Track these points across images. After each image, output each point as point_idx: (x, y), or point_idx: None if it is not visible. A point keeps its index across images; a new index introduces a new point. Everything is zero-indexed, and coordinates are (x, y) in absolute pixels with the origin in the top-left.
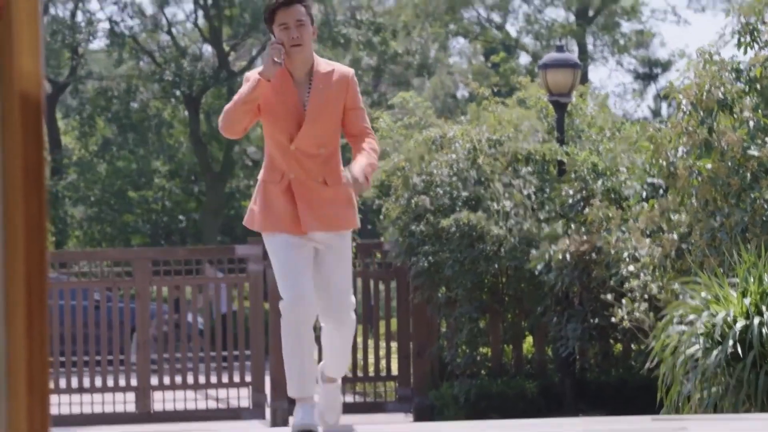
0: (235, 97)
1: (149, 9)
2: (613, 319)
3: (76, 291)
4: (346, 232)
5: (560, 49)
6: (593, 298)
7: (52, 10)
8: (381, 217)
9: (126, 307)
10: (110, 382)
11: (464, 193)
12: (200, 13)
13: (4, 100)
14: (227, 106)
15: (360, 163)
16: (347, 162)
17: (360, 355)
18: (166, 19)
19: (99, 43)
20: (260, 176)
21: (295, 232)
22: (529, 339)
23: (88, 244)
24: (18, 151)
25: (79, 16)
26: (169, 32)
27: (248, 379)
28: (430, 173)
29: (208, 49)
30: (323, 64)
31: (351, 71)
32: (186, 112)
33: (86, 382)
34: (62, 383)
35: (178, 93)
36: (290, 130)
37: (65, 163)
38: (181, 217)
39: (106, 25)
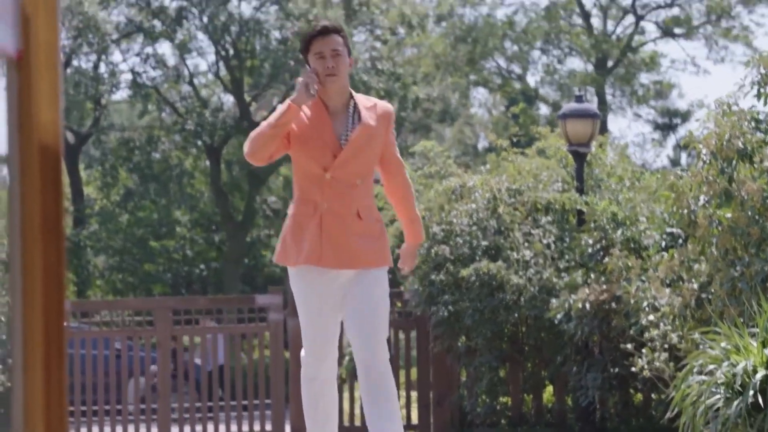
0: (263, 123)
1: (171, 60)
2: (633, 369)
3: (97, 340)
4: (379, 268)
5: (579, 99)
6: (613, 347)
7: (75, 62)
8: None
9: (147, 356)
10: (130, 431)
11: (484, 243)
12: (222, 64)
13: (23, 150)
14: (254, 131)
15: (414, 239)
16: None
17: None
18: (188, 70)
19: (121, 94)
20: (290, 210)
21: (323, 266)
22: (549, 388)
23: (110, 293)
24: (37, 201)
25: (102, 68)
26: (191, 83)
27: (268, 428)
28: (449, 223)
29: (229, 99)
30: (363, 99)
31: (391, 107)
32: (207, 162)
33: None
34: None
35: (199, 143)
36: (324, 161)
37: (87, 213)
38: (202, 266)
39: (128, 77)
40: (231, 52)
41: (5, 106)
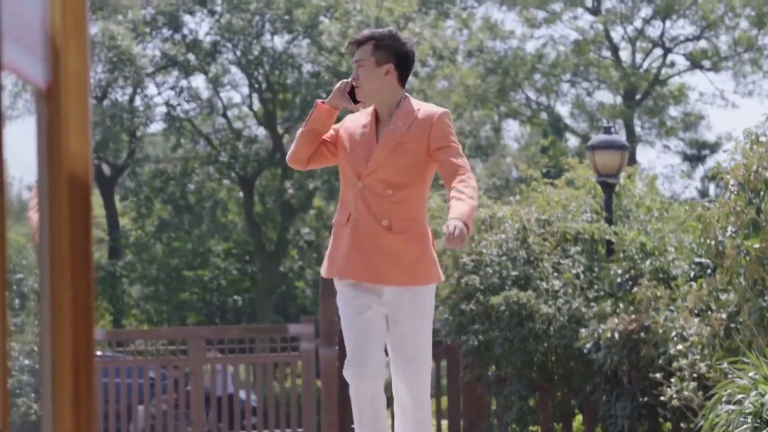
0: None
1: (205, 93)
2: (662, 398)
3: (131, 369)
4: (410, 287)
5: (608, 130)
6: (642, 376)
7: (111, 95)
8: None
9: (181, 384)
10: None
11: (513, 273)
12: (255, 96)
13: (53, 181)
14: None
15: (453, 214)
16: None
17: None
18: (222, 102)
19: (156, 127)
20: (334, 218)
21: (353, 279)
22: (579, 417)
23: (145, 322)
24: (65, 232)
25: (137, 101)
26: (225, 116)
27: None
28: (479, 253)
29: (262, 131)
30: (412, 104)
31: (438, 111)
32: (241, 194)
33: None
34: None
35: (233, 174)
36: (359, 168)
37: (123, 243)
38: (236, 296)
39: (163, 109)
40: (264, 85)
41: (35, 138)
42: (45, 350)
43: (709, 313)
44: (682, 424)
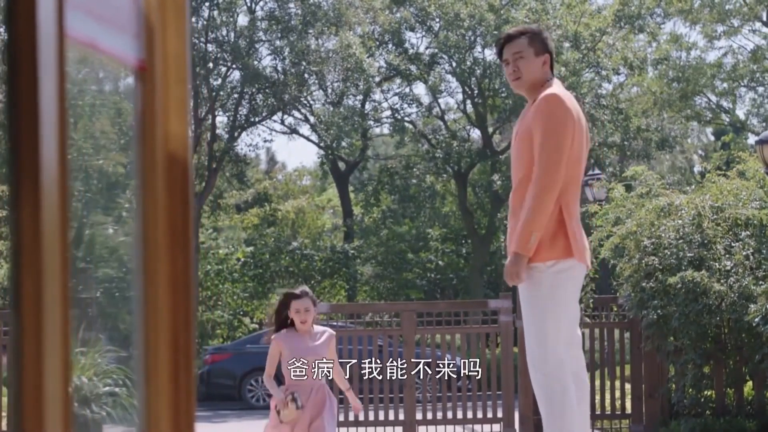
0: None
1: (425, 99)
2: None
3: (352, 337)
4: (529, 266)
5: None
6: None
7: (345, 101)
8: (616, 274)
9: (395, 352)
10: (381, 417)
11: (689, 254)
12: (468, 101)
13: (146, 160)
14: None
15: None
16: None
17: (598, 396)
18: (439, 107)
19: (383, 129)
20: None
21: None
22: (750, 383)
23: (374, 297)
24: (162, 212)
25: (367, 106)
26: (442, 118)
27: (500, 415)
28: (658, 237)
29: (475, 131)
30: (547, 89)
31: (546, 93)
32: (455, 185)
33: (361, 416)
34: (341, 416)
35: (449, 169)
36: None
37: (356, 229)
38: (452, 275)
39: (389, 113)
40: (476, 91)
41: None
42: (140, 332)
43: None
44: None
